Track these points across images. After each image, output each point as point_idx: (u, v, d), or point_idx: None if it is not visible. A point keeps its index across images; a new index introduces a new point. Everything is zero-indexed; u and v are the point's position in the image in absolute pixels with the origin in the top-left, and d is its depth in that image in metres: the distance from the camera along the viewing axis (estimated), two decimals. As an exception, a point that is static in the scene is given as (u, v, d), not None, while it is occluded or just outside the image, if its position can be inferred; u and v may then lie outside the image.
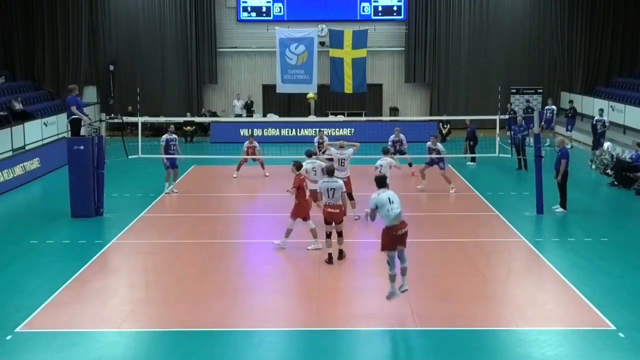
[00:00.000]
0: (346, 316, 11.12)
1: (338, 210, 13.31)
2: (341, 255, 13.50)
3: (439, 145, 19.83)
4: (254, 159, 22.13)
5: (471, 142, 23.41)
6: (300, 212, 14.10)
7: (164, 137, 19.85)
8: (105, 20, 32.31)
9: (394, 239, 10.78)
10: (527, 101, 31.12)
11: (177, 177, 20.29)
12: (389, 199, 10.77)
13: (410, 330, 10.36)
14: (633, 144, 23.92)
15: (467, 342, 9.97)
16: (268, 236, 15.67)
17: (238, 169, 22.05)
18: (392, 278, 10.93)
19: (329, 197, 13.28)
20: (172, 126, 20.89)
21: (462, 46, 32.73)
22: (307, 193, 14.90)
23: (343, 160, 16.65)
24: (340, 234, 13.42)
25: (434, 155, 19.69)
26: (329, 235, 13.37)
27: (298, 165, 14.42)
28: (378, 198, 10.81)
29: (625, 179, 19.99)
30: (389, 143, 21.49)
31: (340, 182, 13.45)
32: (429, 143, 19.98)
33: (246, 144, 22.13)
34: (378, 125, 28.22)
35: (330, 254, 13.34)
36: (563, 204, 17.13)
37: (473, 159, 23.55)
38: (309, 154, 16.13)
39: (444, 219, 16.90)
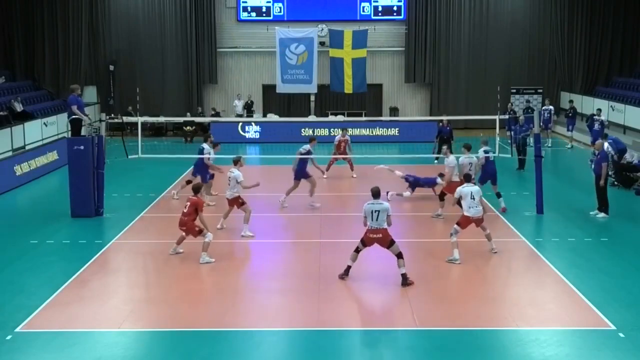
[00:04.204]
0: (346, 316, 11.13)
1: (381, 235, 12.20)
2: (405, 281, 12.18)
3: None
4: (344, 159, 21.67)
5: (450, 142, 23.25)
6: None
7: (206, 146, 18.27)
8: (105, 20, 32.30)
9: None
10: (527, 101, 31.12)
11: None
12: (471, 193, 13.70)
13: (410, 330, 10.36)
14: (634, 144, 23.96)
15: (467, 342, 9.97)
16: (268, 236, 15.68)
17: (328, 169, 21.66)
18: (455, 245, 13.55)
19: (372, 219, 12.18)
20: (211, 136, 19.16)
21: (462, 46, 32.72)
22: None
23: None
24: (399, 256, 12.25)
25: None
26: (357, 251, 12.44)
27: None
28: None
29: (626, 179, 19.99)
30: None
31: (386, 204, 12.35)
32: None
33: (338, 137, 21.61)
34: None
35: (349, 267, 12.49)
36: (606, 209, 16.88)
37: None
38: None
39: (444, 219, 16.89)
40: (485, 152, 17.73)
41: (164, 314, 11.08)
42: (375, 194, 12.39)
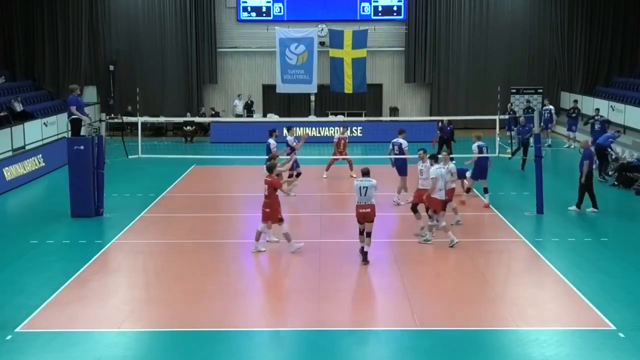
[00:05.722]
0: (346, 316, 11.13)
1: (369, 210, 13.19)
2: (365, 257, 13.25)
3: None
4: (344, 159, 21.50)
5: (451, 142, 23.32)
6: None
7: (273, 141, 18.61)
8: (105, 20, 32.28)
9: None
10: (528, 101, 31.12)
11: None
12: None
13: (410, 330, 10.36)
14: (634, 144, 23.98)
15: (467, 342, 9.97)
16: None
17: (328, 169, 21.61)
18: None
19: (360, 195, 13.18)
20: (276, 130, 19.36)
21: (462, 46, 32.71)
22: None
23: None
24: (368, 235, 13.27)
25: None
26: (362, 232, 13.37)
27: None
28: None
29: (626, 179, 19.99)
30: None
31: (374, 181, 13.35)
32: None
33: (337, 136, 21.45)
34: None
35: (362, 247, 13.36)
36: (579, 205, 17.25)
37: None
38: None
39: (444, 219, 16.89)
40: (479, 147, 17.83)
41: (164, 314, 11.09)
42: (365, 173, 13.39)
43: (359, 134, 29.29)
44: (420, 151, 15.74)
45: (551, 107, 28.64)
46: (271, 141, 18.61)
